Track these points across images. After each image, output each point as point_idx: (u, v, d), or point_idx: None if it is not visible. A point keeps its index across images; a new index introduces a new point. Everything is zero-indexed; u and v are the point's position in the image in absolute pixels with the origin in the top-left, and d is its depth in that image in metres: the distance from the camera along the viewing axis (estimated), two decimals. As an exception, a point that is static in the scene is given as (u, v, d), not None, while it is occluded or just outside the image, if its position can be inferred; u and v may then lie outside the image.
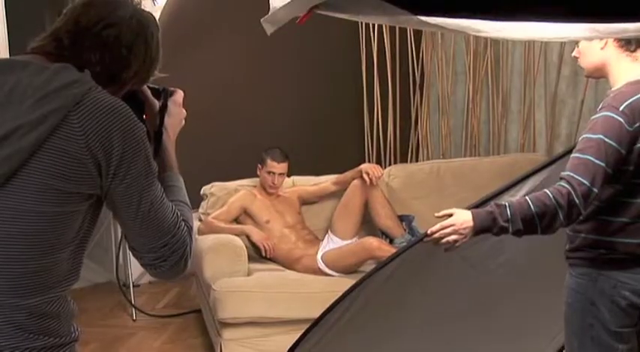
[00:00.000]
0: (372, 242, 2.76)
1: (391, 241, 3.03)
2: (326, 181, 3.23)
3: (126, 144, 0.90)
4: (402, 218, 3.12)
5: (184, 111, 1.09)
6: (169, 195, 0.99)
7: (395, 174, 3.36)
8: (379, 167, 3.05)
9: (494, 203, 1.64)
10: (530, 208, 1.55)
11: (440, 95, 4.08)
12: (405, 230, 3.07)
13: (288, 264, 2.99)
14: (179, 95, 1.09)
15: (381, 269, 1.73)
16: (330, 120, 4.18)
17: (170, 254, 0.95)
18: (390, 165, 4.03)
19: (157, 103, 1.06)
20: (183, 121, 1.09)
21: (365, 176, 3.01)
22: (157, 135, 1.03)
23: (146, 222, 0.93)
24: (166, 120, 1.05)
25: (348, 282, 2.57)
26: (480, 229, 1.62)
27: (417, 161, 4.15)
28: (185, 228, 0.97)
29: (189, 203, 1.03)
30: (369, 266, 2.81)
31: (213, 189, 3.20)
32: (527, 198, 1.58)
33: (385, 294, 1.82)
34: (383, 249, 2.72)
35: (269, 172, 3.06)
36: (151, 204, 0.93)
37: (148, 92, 1.05)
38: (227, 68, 3.83)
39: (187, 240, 0.97)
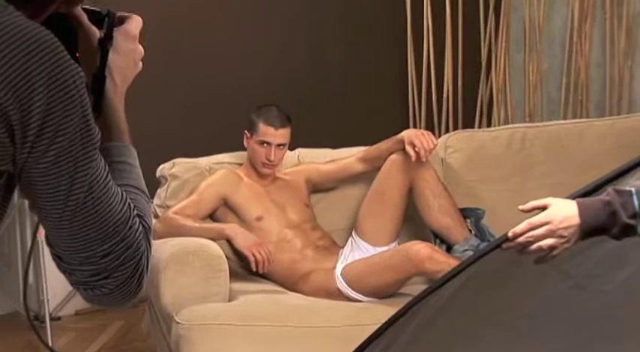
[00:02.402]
0: (420, 249, 2.77)
1: (449, 248, 3.05)
2: (349, 156, 3.25)
3: (52, 96, 0.88)
4: (465, 213, 3.14)
5: (141, 48, 1.09)
6: (117, 176, 0.99)
7: (455, 146, 3.36)
8: (430, 135, 3.06)
9: (613, 189, 1.63)
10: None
11: (527, 23, 4.06)
12: (470, 231, 3.09)
13: (292, 282, 3.02)
14: (134, 23, 1.08)
15: (436, 290, 1.74)
16: (356, 63, 4.18)
17: (116, 267, 0.96)
18: (447, 131, 4.07)
19: (97, 34, 1.05)
20: (140, 64, 1.09)
21: (409, 148, 3.01)
22: (96, 83, 1.03)
23: (81, 217, 0.93)
24: (111, 58, 1.05)
25: (383, 311, 2.56)
26: (592, 229, 1.62)
27: (488, 125, 4.18)
28: (140, 227, 0.98)
29: (146, 190, 1.04)
30: (415, 287, 2.82)
31: (175, 168, 3.21)
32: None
33: (444, 328, 1.83)
34: (436, 260, 2.73)
35: (262, 142, 3.08)
36: (88, 190, 0.93)
37: (84, 17, 1.05)
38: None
39: (143, 246, 0.98)
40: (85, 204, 0.92)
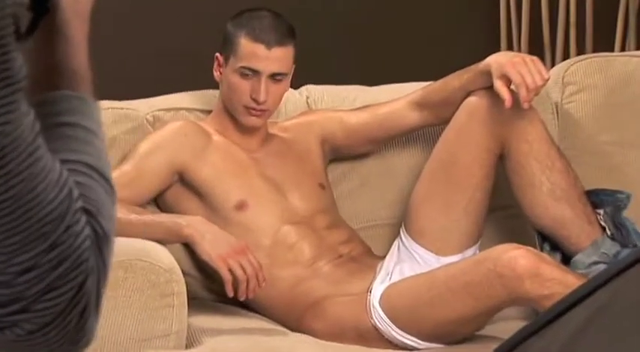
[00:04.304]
0: (517, 259, 2.75)
1: (567, 259, 3.05)
2: (395, 100, 3.25)
3: None
4: (596, 198, 3.12)
5: None
6: (61, 146, 1.08)
7: (580, 83, 3.38)
8: (538, 61, 3.04)
9: None
10: None
11: None
12: (603, 229, 3.09)
13: (296, 316, 3.04)
14: None
15: (543, 330, 1.68)
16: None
17: (41, 294, 1.02)
18: (565, 57, 4.05)
19: None
20: None
21: (500, 86, 2.99)
22: None
23: None
24: None
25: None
26: None
27: (639, 47, 4.14)
28: (86, 231, 1.04)
29: (109, 173, 1.14)
30: (502, 326, 2.84)
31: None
32: None
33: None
34: (545, 276, 2.73)
35: (244, 71, 3.06)
36: None
37: None
38: None
39: (91, 263, 1.05)
40: None
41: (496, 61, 3.01)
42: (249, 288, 2.92)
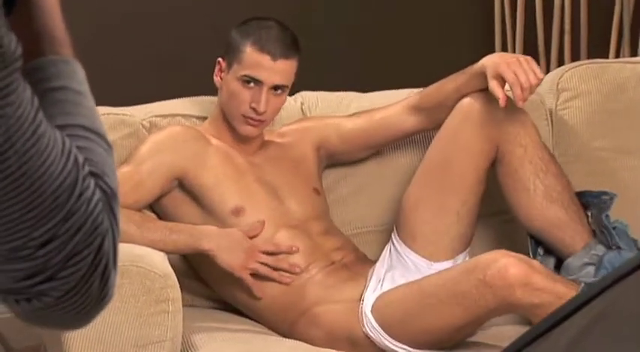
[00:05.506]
0: (508, 267, 2.74)
1: (560, 264, 3.04)
2: (391, 105, 3.23)
3: None
4: (584, 200, 3.12)
5: None
6: (55, 112, 1.09)
7: (575, 89, 3.37)
8: (532, 61, 3.03)
9: None
10: None
11: None
12: (594, 231, 3.08)
13: (289, 322, 3.03)
14: None
15: (536, 341, 1.67)
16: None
17: (63, 261, 1.05)
18: (560, 63, 4.04)
19: None
20: None
21: (494, 86, 2.98)
22: None
23: None
24: None
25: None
26: None
27: (634, 54, 4.14)
28: (97, 194, 1.07)
29: (103, 130, 1.15)
30: (493, 332, 2.82)
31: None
32: None
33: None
34: (535, 285, 2.72)
35: (247, 80, 3.04)
36: (5, 141, 1.00)
37: None
38: None
39: (106, 224, 1.07)
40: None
41: (491, 61, 3.00)
42: (279, 278, 2.99)
